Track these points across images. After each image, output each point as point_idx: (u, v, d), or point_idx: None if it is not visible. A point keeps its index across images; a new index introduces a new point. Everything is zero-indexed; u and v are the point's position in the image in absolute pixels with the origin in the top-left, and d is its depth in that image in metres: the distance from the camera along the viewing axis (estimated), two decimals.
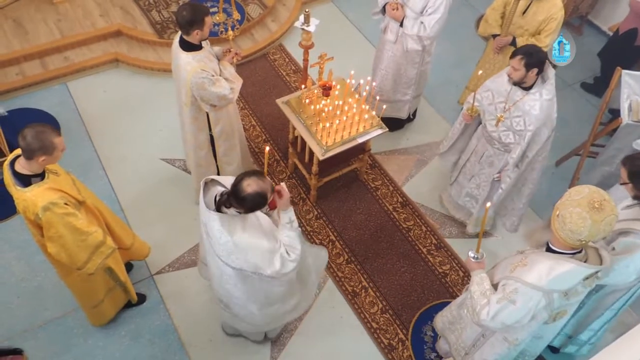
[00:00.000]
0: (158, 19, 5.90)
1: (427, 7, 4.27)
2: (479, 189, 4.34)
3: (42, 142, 2.78)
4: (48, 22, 5.71)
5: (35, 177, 2.90)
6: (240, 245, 2.76)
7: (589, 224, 2.40)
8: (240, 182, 2.63)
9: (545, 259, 2.64)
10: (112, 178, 4.80)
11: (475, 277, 2.95)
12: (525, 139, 3.76)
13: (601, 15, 6.54)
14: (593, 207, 2.39)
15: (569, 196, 2.49)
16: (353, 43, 6.15)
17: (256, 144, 5.17)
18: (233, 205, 2.72)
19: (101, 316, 3.85)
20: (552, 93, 3.65)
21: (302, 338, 4.05)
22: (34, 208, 2.86)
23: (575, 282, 2.60)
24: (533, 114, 3.66)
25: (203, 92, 3.68)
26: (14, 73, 5.35)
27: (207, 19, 3.53)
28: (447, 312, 3.64)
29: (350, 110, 4.25)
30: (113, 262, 3.51)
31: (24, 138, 2.76)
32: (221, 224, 2.72)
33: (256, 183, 2.62)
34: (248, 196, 2.61)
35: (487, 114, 3.96)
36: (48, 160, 2.86)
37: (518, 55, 3.55)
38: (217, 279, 3.14)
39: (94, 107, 5.29)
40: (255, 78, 5.73)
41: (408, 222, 4.74)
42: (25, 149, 2.79)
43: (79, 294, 3.62)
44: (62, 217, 2.94)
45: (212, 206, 2.76)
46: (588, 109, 5.77)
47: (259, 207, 2.72)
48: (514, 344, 3.00)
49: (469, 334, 3.29)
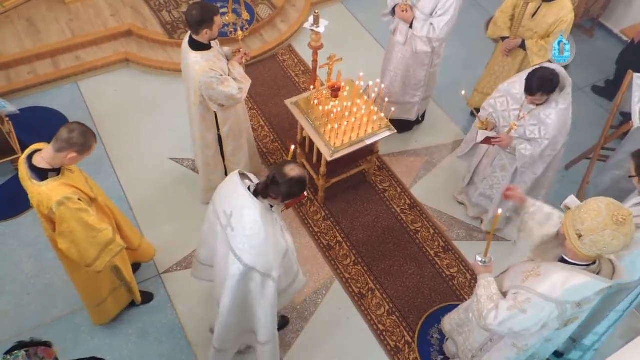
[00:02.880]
0: (168, 19, 5.93)
1: (437, 8, 4.26)
2: (492, 190, 4.34)
3: (85, 140, 2.89)
4: (60, 21, 5.76)
5: (52, 172, 2.94)
6: (269, 239, 2.76)
7: (622, 240, 2.38)
8: (282, 167, 2.68)
9: (559, 270, 2.58)
10: (121, 177, 4.83)
11: (482, 281, 2.92)
12: (542, 147, 3.74)
13: (613, 17, 6.48)
14: (619, 222, 2.35)
15: (590, 219, 2.40)
16: (362, 44, 6.15)
17: (264, 144, 5.18)
18: (270, 193, 2.72)
19: (104, 315, 3.87)
20: (568, 101, 3.61)
21: (308, 339, 4.04)
22: (49, 202, 2.89)
23: (589, 294, 2.56)
24: (549, 123, 3.63)
25: (211, 92, 3.69)
26: (26, 72, 5.40)
27: (216, 18, 3.55)
28: (454, 314, 3.63)
29: (359, 111, 4.25)
30: (120, 261, 3.54)
31: (71, 130, 2.85)
32: (261, 212, 2.72)
33: (298, 168, 2.69)
34: (291, 180, 2.65)
35: (502, 120, 3.93)
36: (74, 159, 2.93)
37: (536, 93, 3.48)
38: (219, 278, 3.13)
39: (104, 107, 5.33)
40: (264, 78, 5.74)
41: (416, 224, 4.73)
42: (65, 140, 2.84)
43: (84, 292, 3.65)
44: (75, 213, 2.97)
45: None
46: (599, 112, 5.72)
47: (296, 195, 2.74)
48: (523, 349, 2.97)
49: (476, 337, 3.27)
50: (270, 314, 3.07)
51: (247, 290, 2.96)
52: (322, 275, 4.38)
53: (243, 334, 3.41)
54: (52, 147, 2.88)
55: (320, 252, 4.50)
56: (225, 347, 3.41)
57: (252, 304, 3.04)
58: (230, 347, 3.50)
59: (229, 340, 3.38)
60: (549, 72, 3.50)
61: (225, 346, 3.41)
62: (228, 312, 3.11)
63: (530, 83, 3.51)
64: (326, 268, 4.42)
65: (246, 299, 3.03)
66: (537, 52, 4.49)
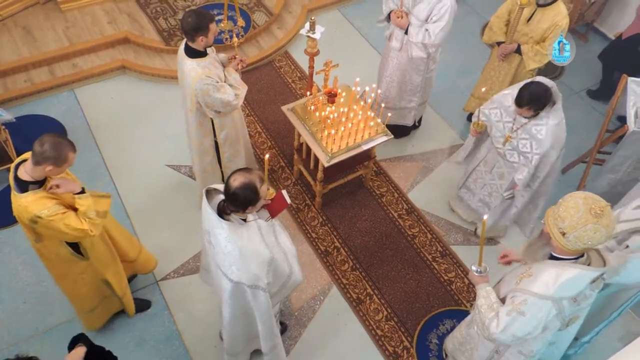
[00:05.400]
0: (165, 27, 5.95)
1: (432, 14, 4.28)
2: (491, 197, 4.35)
3: (58, 152, 2.81)
4: (57, 29, 5.78)
5: (34, 184, 2.91)
6: (245, 255, 2.75)
7: (604, 232, 2.44)
8: (227, 181, 2.66)
9: (550, 267, 2.62)
10: (118, 184, 4.82)
11: (481, 291, 2.92)
12: (533, 162, 3.76)
13: (607, 22, 6.52)
14: (597, 214, 2.41)
15: (569, 216, 2.46)
16: (358, 50, 6.17)
17: (261, 150, 5.18)
18: (229, 208, 2.72)
19: (94, 321, 3.84)
20: (559, 117, 3.62)
21: (306, 345, 4.03)
22: (27, 214, 2.89)
23: (582, 286, 2.59)
24: (540, 138, 3.66)
25: (207, 99, 3.70)
26: (23, 80, 5.40)
27: (211, 25, 3.55)
28: (457, 332, 3.59)
29: (356, 117, 4.26)
30: (111, 275, 3.53)
31: (42, 144, 2.79)
32: (229, 232, 2.71)
33: (241, 176, 2.63)
34: (236, 190, 2.61)
35: (495, 130, 3.95)
36: (54, 172, 2.89)
37: (525, 105, 3.52)
38: (217, 288, 3.15)
39: (101, 114, 5.33)
40: (261, 85, 5.76)
41: (413, 229, 4.73)
42: (38, 154, 2.80)
43: (74, 299, 3.62)
44: (50, 224, 2.95)
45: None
46: (594, 116, 5.74)
47: (252, 202, 2.68)
48: (529, 356, 2.97)
49: (480, 353, 3.24)
50: (266, 321, 3.07)
51: (244, 301, 2.97)
52: (320, 281, 4.37)
53: (251, 340, 3.42)
54: (30, 160, 2.85)
55: (317, 257, 4.50)
56: (236, 351, 3.44)
57: (252, 313, 3.06)
58: (242, 352, 3.52)
59: (239, 345, 3.41)
60: (542, 88, 3.52)
61: (236, 351, 3.44)
62: (230, 323, 3.14)
63: (521, 95, 3.54)
64: (324, 274, 4.41)
65: (245, 309, 3.04)
66: (532, 56, 4.51)
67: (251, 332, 3.27)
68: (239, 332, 3.25)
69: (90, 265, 3.38)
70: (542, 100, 3.52)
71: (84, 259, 3.31)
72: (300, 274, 3.13)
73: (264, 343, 3.23)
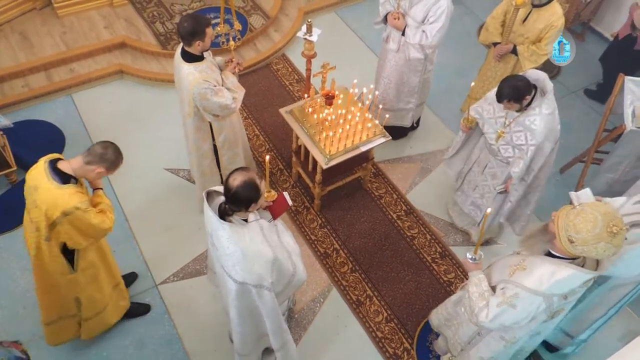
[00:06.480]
0: (162, 31, 5.95)
1: (429, 16, 4.30)
2: (483, 199, 4.34)
3: (116, 159, 3.09)
4: (54, 34, 5.78)
5: (74, 179, 3.09)
6: (247, 255, 2.76)
7: (612, 250, 2.45)
8: (227, 182, 2.66)
9: (545, 263, 2.64)
10: (116, 188, 4.82)
11: (473, 278, 2.96)
12: (529, 154, 3.76)
13: (603, 21, 6.55)
14: (612, 233, 2.41)
15: (586, 231, 2.43)
16: (355, 52, 6.18)
17: (259, 153, 5.19)
18: (231, 208, 2.72)
19: (50, 336, 3.73)
20: (552, 107, 3.62)
21: (306, 347, 4.03)
22: (64, 205, 2.98)
23: (574, 286, 2.63)
24: (534, 129, 3.66)
25: (205, 102, 3.70)
26: (20, 85, 5.40)
27: (208, 30, 3.56)
28: (442, 309, 3.64)
29: (353, 119, 4.26)
30: (88, 293, 3.50)
31: (105, 147, 3.05)
32: (230, 233, 2.72)
33: (240, 175, 2.65)
34: (238, 189, 2.62)
35: (487, 127, 3.96)
36: (101, 174, 3.10)
37: (503, 99, 3.55)
38: (223, 289, 3.14)
39: (98, 119, 5.33)
40: (258, 88, 5.76)
41: (412, 230, 4.73)
42: (98, 155, 3.02)
43: (42, 306, 3.57)
44: (86, 213, 3.09)
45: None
46: (592, 115, 5.76)
47: (254, 199, 2.70)
48: (511, 342, 3.03)
49: (465, 331, 3.33)
50: (274, 319, 3.09)
51: (250, 300, 2.98)
52: (320, 283, 4.37)
53: (261, 337, 3.42)
54: (82, 158, 3.04)
55: (317, 260, 4.50)
56: (247, 351, 3.45)
57: (259, 312, 3.07)
58: (253, 351, 3.51)
59: (249, 345, 3.40)
60: (517, 79, 3.54)
61: (247, 350, 3.44)
62: (239, 323, 3.15)
63: (499, 91, 3.57)
64: (323, 276, 4.41)
65: (252, 308, 3.05)
66: (528, 57, 4.52)
67: (260, 330, 3.28)
68: (248, 332, 3.25)
69: (73, 280, 3.38)
70: (519, 92, 3.51)
71: (72, 271, 3.33)
72: (304, 272, 3.14)
73: (273, 340, 3.25)
